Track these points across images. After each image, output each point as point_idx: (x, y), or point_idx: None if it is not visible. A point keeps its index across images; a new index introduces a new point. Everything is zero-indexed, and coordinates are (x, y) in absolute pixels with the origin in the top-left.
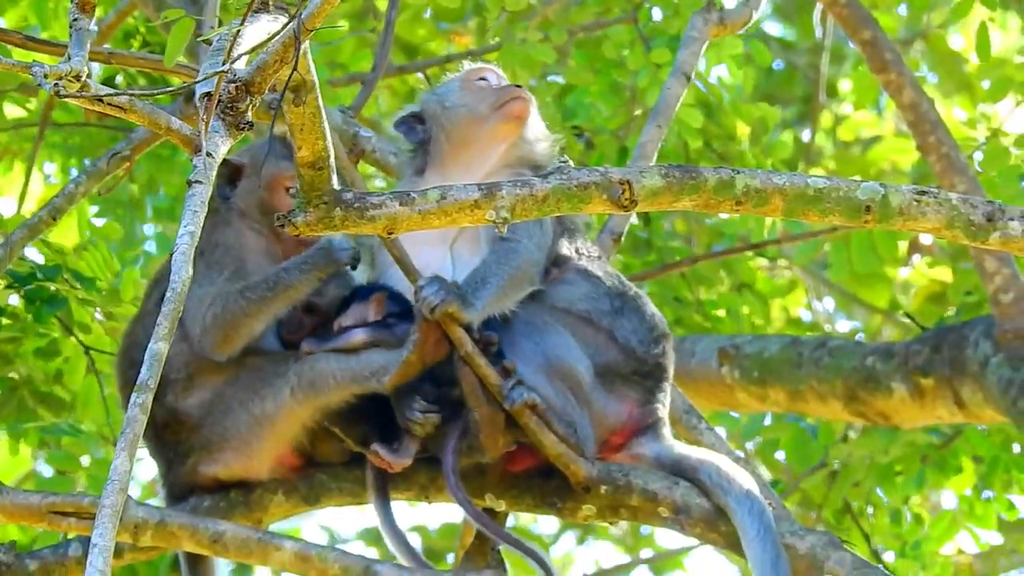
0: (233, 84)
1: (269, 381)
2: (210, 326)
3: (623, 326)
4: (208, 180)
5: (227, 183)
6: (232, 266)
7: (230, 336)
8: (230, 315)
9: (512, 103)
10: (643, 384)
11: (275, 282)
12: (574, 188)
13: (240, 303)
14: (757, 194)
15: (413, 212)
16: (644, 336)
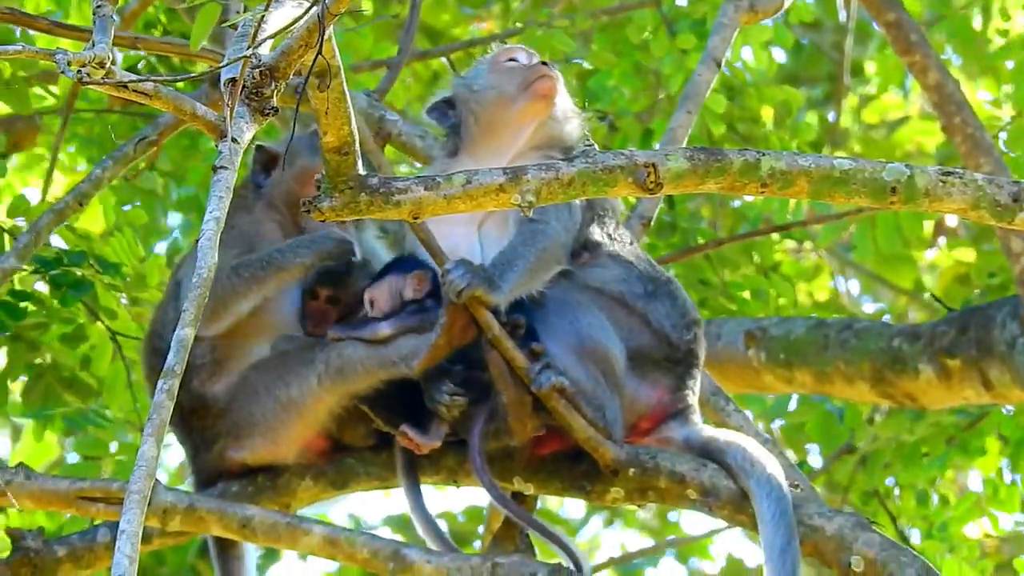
0: (258, 69)
1: (296, 367)
2: (212, 303)
3: (656, 310)
4: (233, 166)
5: (261, 170)
6: (241, 248)
7: (218, 312)
8: (220, 290)
9: (539, 82)
10: (675, 370)
11: (267, 262)
12: (599, 171)
13: (232, 280)
14: (782, 176)
15: (438, 197)
16: (676, 321)
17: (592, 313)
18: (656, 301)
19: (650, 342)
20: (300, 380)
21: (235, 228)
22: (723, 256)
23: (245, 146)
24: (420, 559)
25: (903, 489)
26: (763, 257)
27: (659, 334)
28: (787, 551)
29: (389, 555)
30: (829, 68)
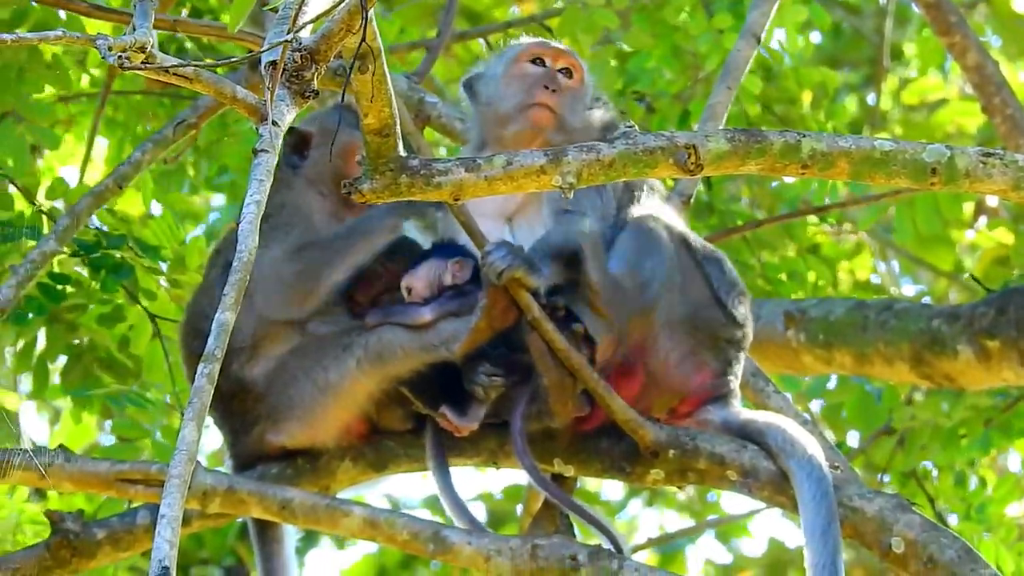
0: (298, 53)
1: (335, 351)
2: (292, 283)
3: (714, 273)
4: (274, 149)
5: (294, 152)
6: (300, 226)
7: (314, 289)
8: (314, 269)
9: (534, 111)
10: (724, 352)
11: (353, 231)
12: (640, 153)
13: (323, 256)
14: (823, 157)
15: (479, 178)
16: (729, 290)
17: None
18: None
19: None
20: (339, 364)
21: (285, 207)
22: (761, 238)
23: (285, 129)
24: (460, 540)
25: (941, 470)
26: (802, 238)
27: (718, 300)
28: (828, 533)
29: (429, 536)
30: (869, 52)
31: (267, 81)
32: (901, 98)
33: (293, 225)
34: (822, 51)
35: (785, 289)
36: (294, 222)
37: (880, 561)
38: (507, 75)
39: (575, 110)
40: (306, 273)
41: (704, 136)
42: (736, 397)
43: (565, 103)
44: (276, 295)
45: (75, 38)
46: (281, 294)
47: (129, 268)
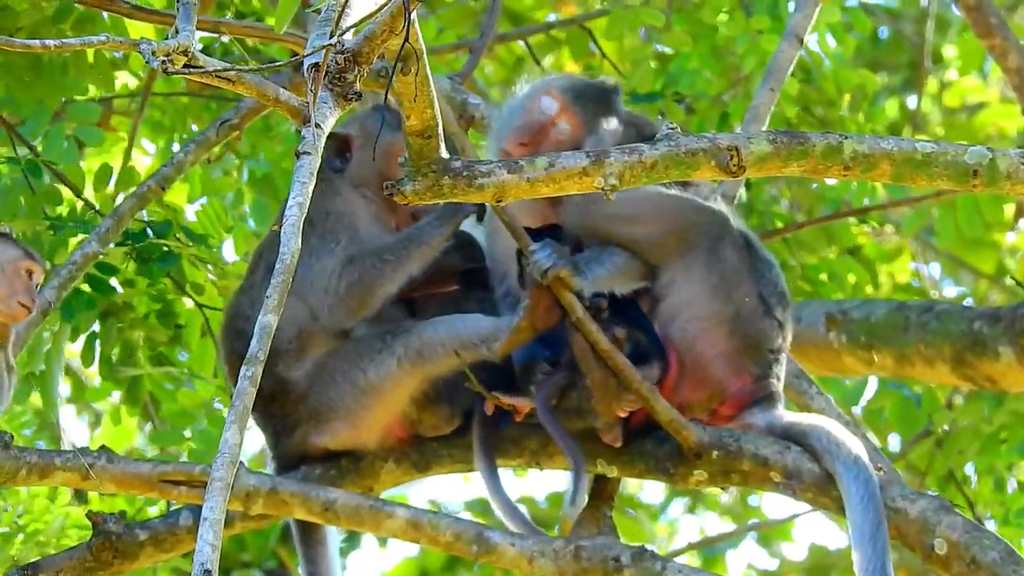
0: (341, 55)
1: (374, 351)
2: (345, 294)
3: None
4: (316, 151)
5: (336, 156)
6: (347, 234)
7: (367, 300)
8: (368, 280)
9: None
10: (764, 355)
11: (408, 240)
12: (682, 155)
13: (378, 266)
14: (865, 159)
15: (521, 180)
16: (772, 292)
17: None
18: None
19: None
20: (379, 364)
21: (331, 214)
22: (802, 239)
23: (328, 131)
24: (504, 542)
25: (981, 475)
26: (843, 240)
27: (764, 303)
28: (877, 536)
29: (472, 538)
30: (909, 56)
31: (310, 83)
32: (942, 100)
33: (339, 232)
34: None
35: (826, 291)
36: (339, 229)
37: (923, 562)
38: (523, 101)
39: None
40: (360, 285)
41: (746, 138)
42: (779, 400)
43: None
44: (329, 306)
45: (119, 42)
46: (335, 305)
47: (176, 257)
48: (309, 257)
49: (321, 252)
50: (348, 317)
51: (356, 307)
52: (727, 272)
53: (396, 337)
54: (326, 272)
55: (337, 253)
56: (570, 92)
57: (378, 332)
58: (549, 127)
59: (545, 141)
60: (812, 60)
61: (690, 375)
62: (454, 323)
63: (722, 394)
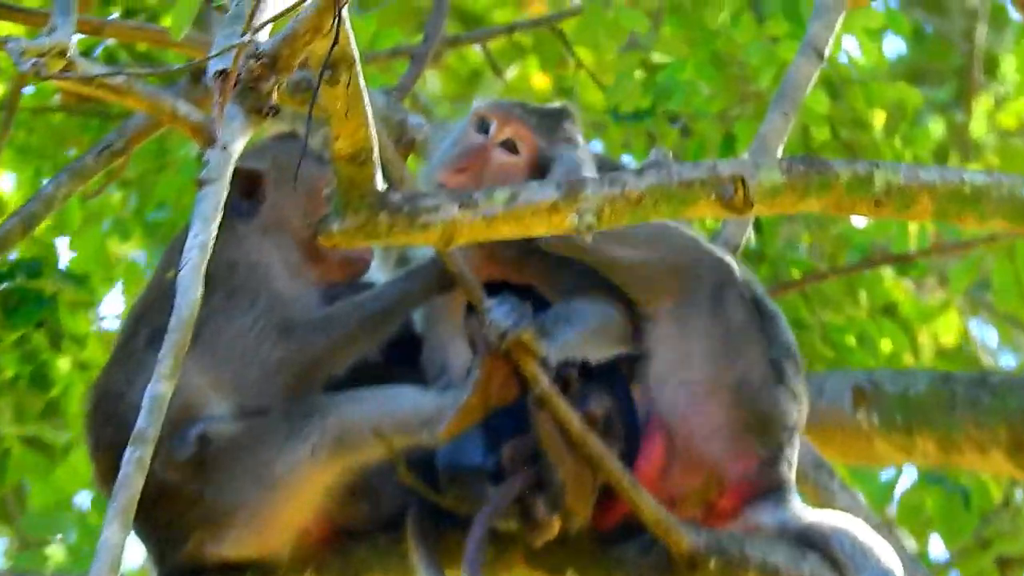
0: (255, 60)
1: (280, 437)
2: (276, 370)
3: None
4: (223, 178)
5: (242, 196)
6: (263, 290)
7: (304, 382)
8: (309, 357)
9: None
10: (775, 436)
11: (364, 307)
12: (675, 187)
13: (321, 341)
14: (900, 193)
15: (476, 217)
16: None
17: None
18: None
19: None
20: (288, 453)
21: (238, 266)
22: (824, 293)
23: (237, 155)
24: None
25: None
26: (874, 294)
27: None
28: None
29: None
30: (957, 62)
31: (216, 95)
32: (996, 121)
33: (252, 289)
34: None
35: (854, 358)
36: (251, 285)
37: None
38: (454, 132)
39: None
40: (297, 363)
41: (754, 165)
42: (792, 492)
43: (482, 183)
44: (252, 381)
45: None
46: (260, 381)
47: (49, 300)
48: (214, 318)
49: (232, 312)
50: (275, 398)
51: (288, 388)
52: (732, 328)
53: (308, 418)
54: (245, 337)
55: (256, 315)
56: (515, 108)
57: (283, 411)
58: (490, 149)
59: (488, 168)
60: (838, 72)
61: (682, 456)
62: (383, 400)
63: (721, 482)
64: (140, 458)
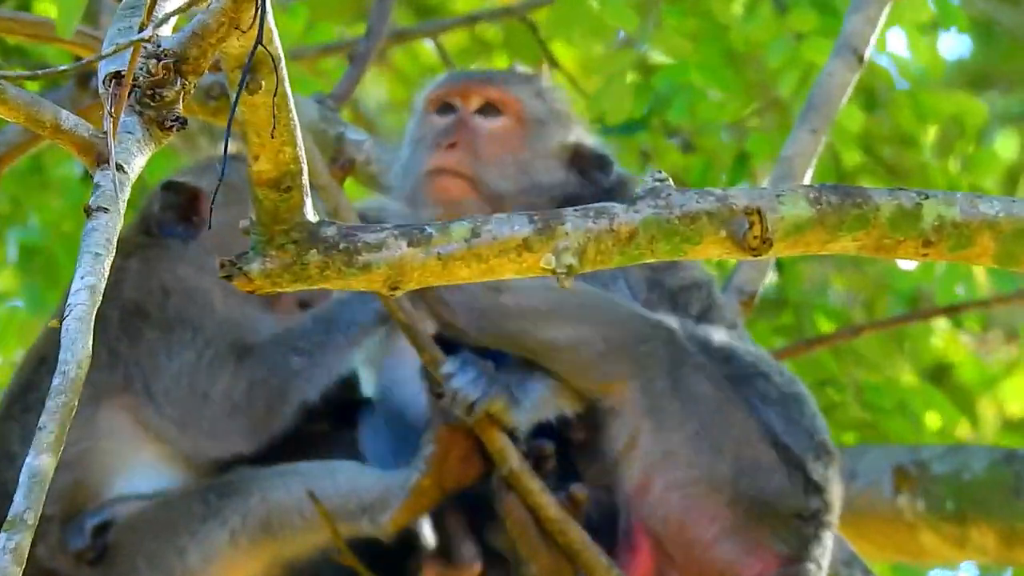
0: (155, 60)
1: (194, 520)
2: (245, 401)
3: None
4: (118, 207)
5: (178, 216)
6: (208, 316)
7: (277, 410)
8: (280, 379)
9: (431, 184)
10: (796, 527)
11: (330, 322)
12: (676, 220)
13: (291, 360)
14: (956, 230)
15: (429, 256)
16: (810, 446)
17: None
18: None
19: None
20: (203, 540)
21: (172, 293)
22: (860, 351)
23: (135, 177)
24: None
25: None
26: (922, 352)
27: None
28: None
29: None
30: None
31: (108, 103)
32: None
33: (194, 317)
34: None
35: (895, 430)
36: (192, 313)
37: None
38: (413, 132)
39: (505, 163)
40: (269, 387)
41: (775, 195)
42: None
43: (480, 157)
44: (213, 421)
45: None
46: (226, 420)
47: None
48: (149, 358)
49: (171, 348)
50: (247, 436)
51: (262, 420)
52: (708, 408)
53: (227, 497)
54: (194, 373)
55: (202, 345)
56: (474, 75)
57: (197, 489)
58: (468, 121)
59: (479, 140)
60: (878, 76)
61: (681, 567)
62: (318, 477)
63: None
64: (16, 547)
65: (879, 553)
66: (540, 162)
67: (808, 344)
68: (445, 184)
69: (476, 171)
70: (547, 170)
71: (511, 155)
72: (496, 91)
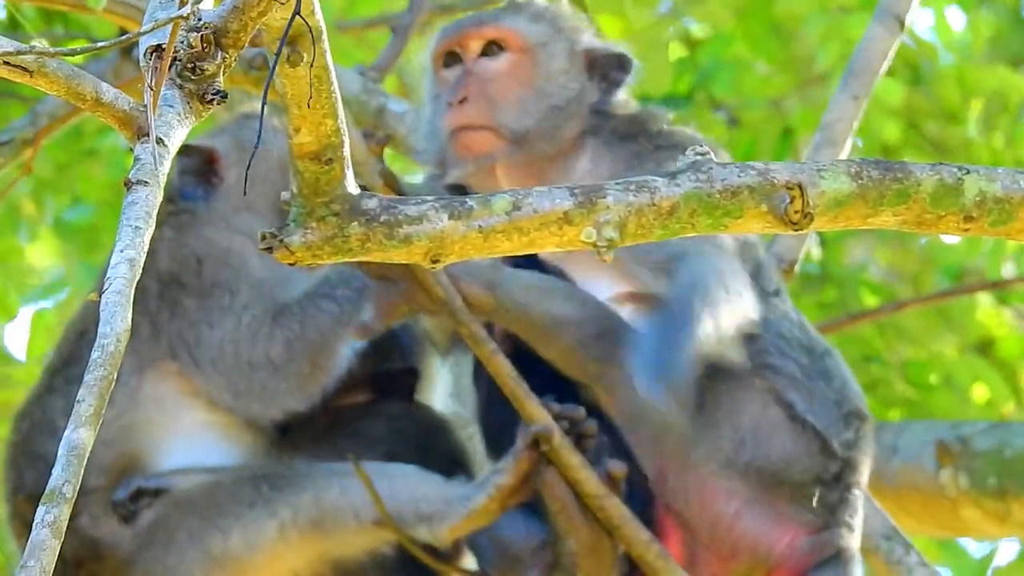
0: (196, 33)
1: (242, 505)
2: (285, 359)
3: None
4: (158, 180)
5: (197, 180)
6: (243, 280)
7: (321, 364)
8: (317, 326)
9: (455, 144)
10: (821, 495)
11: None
12: (717, 195)
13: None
14: (998, 205)
15: (470, 229)
16: (831, 413)
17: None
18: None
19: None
20: (249, 526)
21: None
22: (903, 326)
23: (175, 150)
24: None
25: None
26: (966, 327)
27: (807, 429)
28: None
29: None
30: None
31: (148, 76)
32: None
33: (229, 281)
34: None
35: (939, 405)
36: (227, 277)
37: None
38: (428, 91)
39: (520, 98)
40: (307, 340)
41: (815, 170)
42: (854, 559)
43: (494, 102)
44: (262, 385)
45: None
46: (270, 381)
47: None
48: (191, 329)
49: (211, 315)
50: (295, 395)
51: (308, 376)
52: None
53: (280, 490)
54: (236, 339)
55: (240, 309)
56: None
57: (251, 475)
58: (473, 69)
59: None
60: (922, 51)
61: (708, 545)
62: (377, 480)
63: (766, 561)
64: (55, 520)
65: (920, 527)
66: (554, 83)
67: (851, 319)
68: (468, 141)
69: (495, 118)
70: (564, 87)
71: (524, 88)
72: (492, 30)
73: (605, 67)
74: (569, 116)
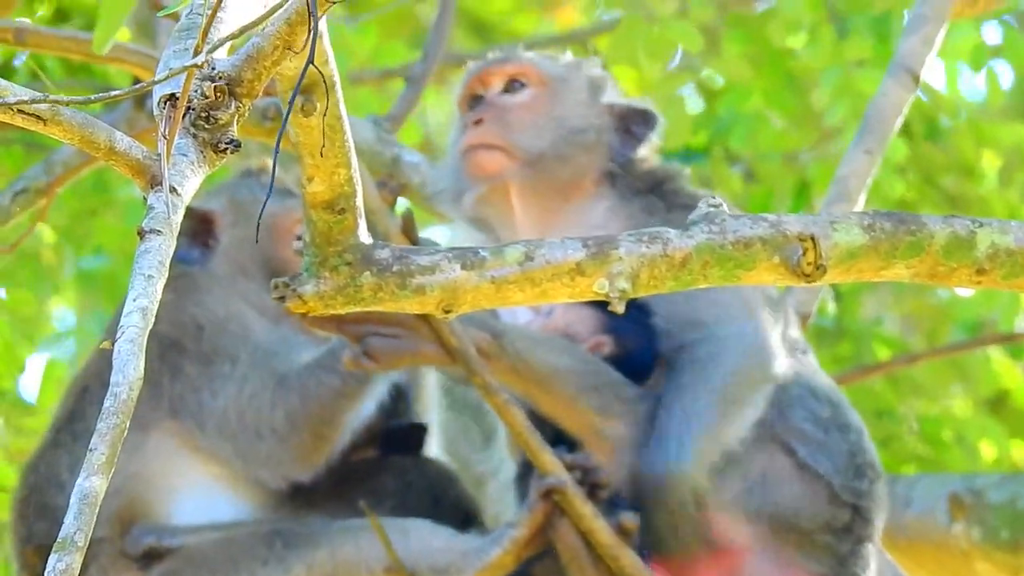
0: (211, 83)
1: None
2: (287, 431)
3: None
4: (171, 229)
5: (192, 241)
6: (242, 346)
7: (325, 434)
8: (320, 398)
9: (466, 163)
10: (831, 546)
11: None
12: (729, 246)
13: (328, 380)
14: (1010, 258)
15: (482, 280)
16: (842, 463)
17: None
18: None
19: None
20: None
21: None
22: (916, 379)
23: (188, 199)
24: None
25: None
26: (979, 382)
27: (816, 479)
28: None
29: None
30: None
31: (162, 125)
32: None
33: (228, 346)
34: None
35: (951, 458)
36: (226, 342)
37: None
38: (453, 137)
39: (536, 123)
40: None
41: (828, 222)
42: None
43: (509, 125)
44: (267, 455)
45: None
46: (272, 452)
47: None
48: (194, 394)
49: (213, 381)
50: (300, 464)
51: (310, 448)
52: None
53: (294, 547)
54: (241, 407)
55: (241, 376)
56: (486, 60)
57: (264, 532)
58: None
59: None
60: (936, 105)
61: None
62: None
63: None
64: (67, 569)
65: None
66: (572, 113)
67: (864, 371)
68: (480, 159)
69: (508, 138)
70: (581, 117)
71: (542, 115)
72: (514, 66)
73: (629, 121)
74: (584, 147)
